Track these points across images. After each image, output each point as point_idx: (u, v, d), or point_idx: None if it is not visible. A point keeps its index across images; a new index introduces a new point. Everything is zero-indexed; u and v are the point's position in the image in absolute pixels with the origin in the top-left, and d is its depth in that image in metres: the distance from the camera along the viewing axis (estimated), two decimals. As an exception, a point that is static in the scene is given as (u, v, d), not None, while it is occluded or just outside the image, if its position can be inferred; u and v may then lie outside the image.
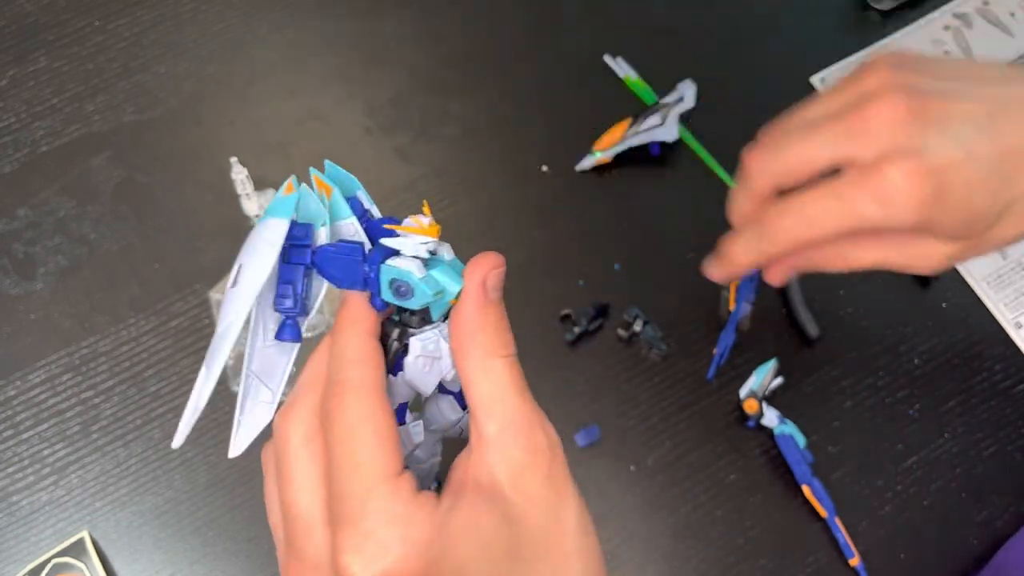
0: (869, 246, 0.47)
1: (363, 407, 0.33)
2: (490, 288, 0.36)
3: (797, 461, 0.60)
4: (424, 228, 0.34)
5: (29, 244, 0.67)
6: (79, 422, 0.62)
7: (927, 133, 0.42)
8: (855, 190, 0.43)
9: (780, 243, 0.46)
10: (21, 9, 0.73)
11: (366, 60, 0.73)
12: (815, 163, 0.45)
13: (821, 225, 0.44)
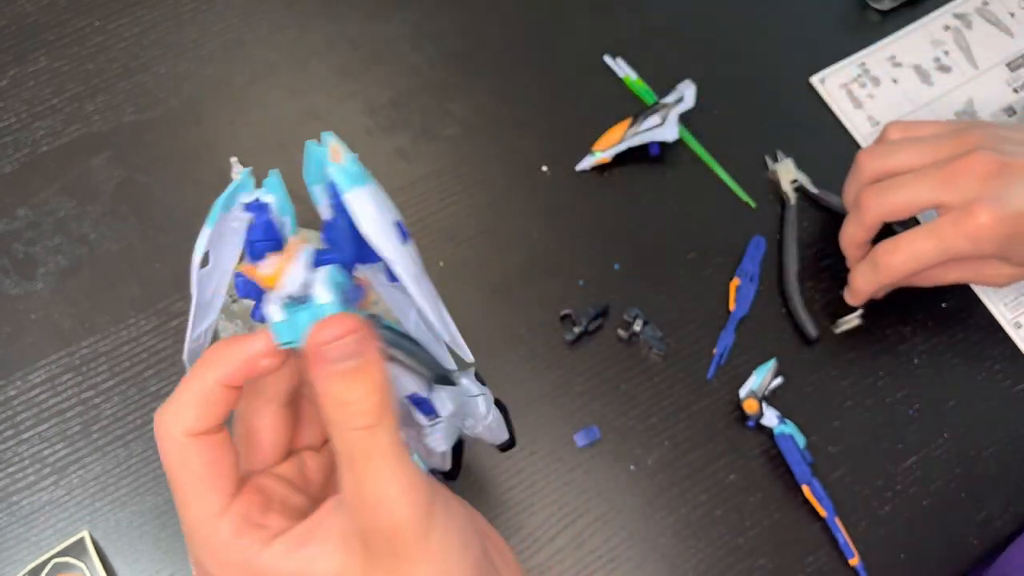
0: (955, 268, 0.60)
1: (177, 455, 0.35)
2: (329, 357, 0.33)
3: (797, 461, 0.60)
4: (258, 277, 0.33)
5: (29, 244, 0.67)
6: (79, 422, 0.62)
7: (1009, 185, 0.55)
8: (952, 229, 0.56)
9: (894, 275, 0.59)
10: (21, 9, 0.73)
11: (366, 60, 0.73)
12: (918, 204, 0.57)
13: (925, 258, 0.57)
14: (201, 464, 0.35)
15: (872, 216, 0.59)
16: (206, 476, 0.35)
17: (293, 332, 0.33)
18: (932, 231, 0.57)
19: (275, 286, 0.32)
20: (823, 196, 0.68)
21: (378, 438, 0.33)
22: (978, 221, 0.55)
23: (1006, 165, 0.56)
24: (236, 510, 0.35)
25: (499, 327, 0.65)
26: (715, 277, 0.67)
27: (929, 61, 0.74)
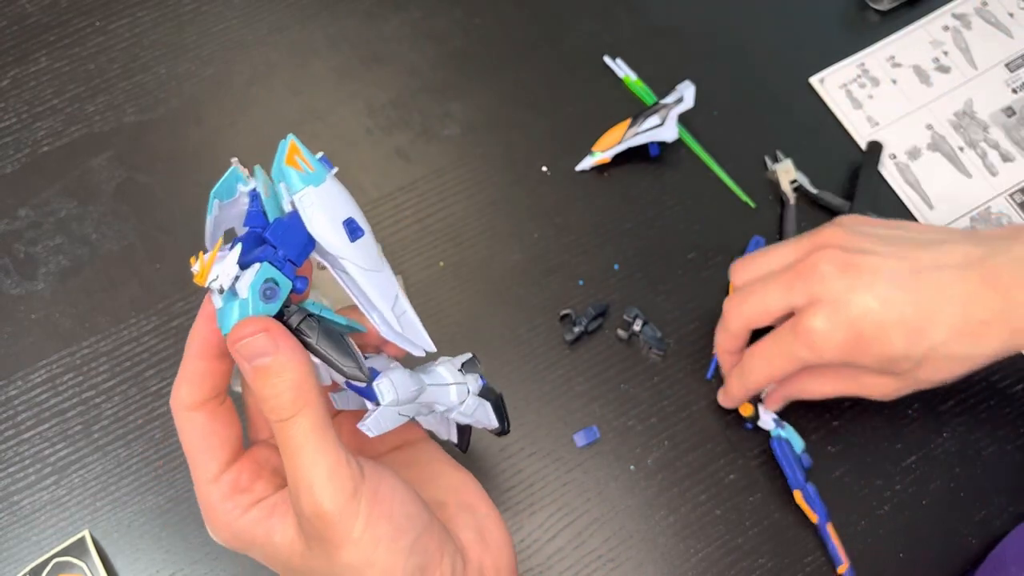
0: (828, 379, 0.56)
1: (181, 423, 0.40)
2: (242, 356, 0.37)
3: (790, 465, 0.60)
4: (194, 272, 0.37)
5: (30, 244, 0.67)
6: (80, 422, 0.62)
7: (853, 286, 0.50)
8: (791, 336, 0.52)
9: (755, 382, 0.56)
10: (22, 10, 0.73)
11: (366, 60, 0.73)
12: (774, 310, 0.53)
13: (778, 367, 0.54)
14: (197, 434, 0.40)
15: (734, 324, 0.56)
16: (203, 445, 0.40)
17: (222, 321, 0.37)
18: (776, 339, 0.53)
19: (202, 280, 0.36)
20: (822, 196, 0.68)
21: (297, 429, 0.36)
22: (810, 326, 0.50)
23: (850, 265, 0.50)
24: (228, 477, 0.40)
25: (499, 327, 0.65)
26: (715, 277, 0.67)
27: (928, 61, 0.74)
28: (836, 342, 0.50)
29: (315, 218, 0.37)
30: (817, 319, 0.50)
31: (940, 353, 0.51)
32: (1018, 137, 0.71)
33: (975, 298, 0.50)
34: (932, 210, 0.69)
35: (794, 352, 0.52)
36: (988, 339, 0.51)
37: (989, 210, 0.69)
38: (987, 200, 0.70)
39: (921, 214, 0.69)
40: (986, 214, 0.69)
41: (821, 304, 0.50)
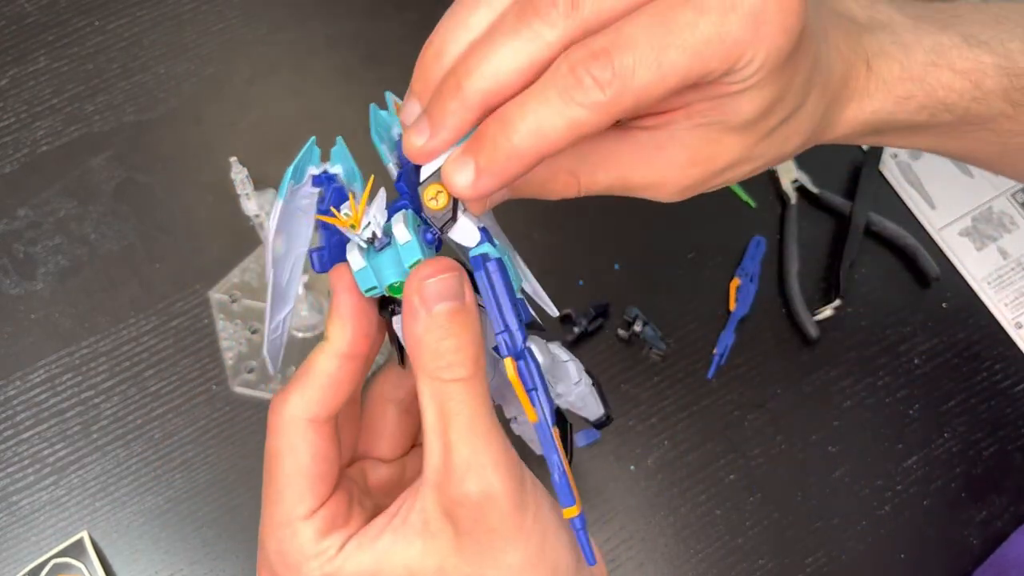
0: (611, 158, 0.35)
1: (293, 440, 0.33)
2: (428, 299, 0.31)
3: (506, 303, 0.32)
4: (340, 220, 0.32)
5: (30, 244, 0.67)
6: (79, 422, 0.62)
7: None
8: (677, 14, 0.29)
9: (528, 146, 0.30)
10: (21, 9, 0.73)
11: (366, 60, 0.73)
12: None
13: (617, 101, 0.29)
14: (309, 455, 0.33)
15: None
16: (308, 472, 0.33)
17: (374, 277, 0.32)
18: (679, 11, 0.28)
19: (357, 225, 0.31)
20: (824, 195, 0.68)
21: (471, 394, 0.31)
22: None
23: None
24: (324, 512, 0.33)
25: (499, 327, 0.65)
26: (715, 277, 0.67)
27: (929, 61, 0.74)
28: (799, 22, 0.30)
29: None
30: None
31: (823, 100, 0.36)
32: (1019, 137, 0.71)
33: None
34: (934, 210, 0.69)
35: (684, 56, 0.28)
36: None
37: (991, 210, 0.69)
38: (989, 199, 0.70)
39: (923, 214, 0.69)
40: (988, 214, 0.69)
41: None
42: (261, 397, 0.63)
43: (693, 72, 0.29)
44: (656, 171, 0.34)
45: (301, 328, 0.64)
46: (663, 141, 0.34)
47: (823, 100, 0.36)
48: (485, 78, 0.29)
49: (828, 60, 0.36)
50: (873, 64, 0.38)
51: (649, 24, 0.28)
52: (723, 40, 0.28)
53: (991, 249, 0.68)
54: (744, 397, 0.64)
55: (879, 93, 0.39)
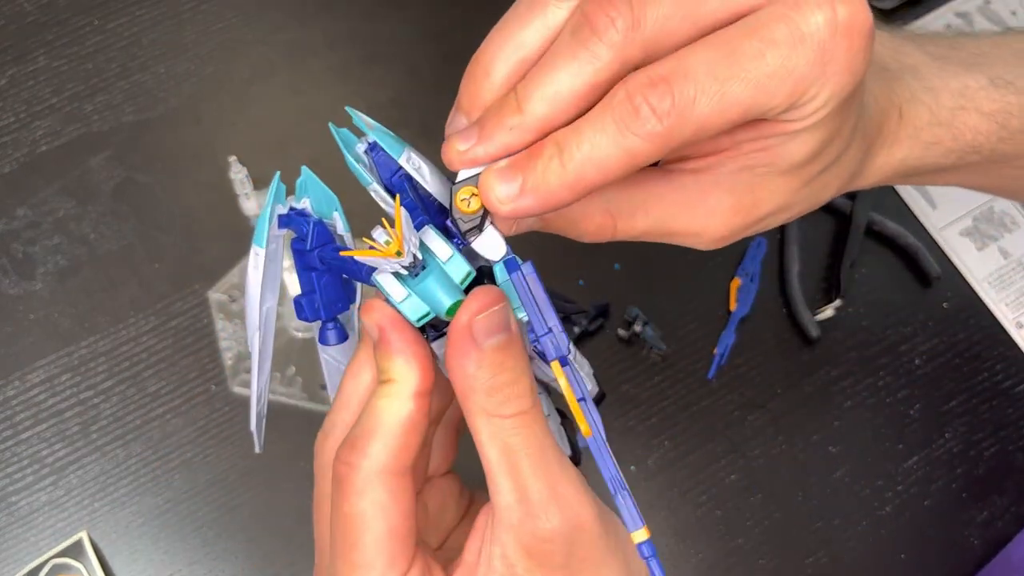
0: (653, 201, 0.33)
1: (374, 499, 0.29)
2: (479, 333, 0.29)
3: (537, 311, 0.31)
4: (381, 249, 0.28)
5: (29, 244, 0.66)
6: (78, 422, 0.62)
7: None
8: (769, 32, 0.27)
9: (590, 172, 0.29)
10: (20, 8, 0.73)
11: (366, 60, 0.73)
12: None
13: (735, 103, 0.28)
14: (399, 515, 0.29)
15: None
16: (399, 531, 0.29)
17: (423, 304, 0.29)
18: (746, 41, 0.27)
19: (402, 251, 0.28)
20: (824, 196, 0.68)
21: (535, 427, 0.29)
22: (821, 15, 0.27)
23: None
24: (414, 573, 0.30)
25: (499, 327, 0.64)
26: (715, 277, 0.66)
27: (930, 60, 0.74)
28: (865, 62, 0.29)
29: (430, 179, 0.31)
30: (845, 11, 0.27)
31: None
32: (1020, 136, 0.71)
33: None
34: (935, 209, 0.69)
35: (747, 88, 0.27)
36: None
37: (992, 209, 0.69)
38: (990, 199, 0.69)
39: (924, 213, 0.69)
40: (989, 213, 0.69)
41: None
42: (261, 397, 0.63)
43: (756, 106, 0.28)
44: (698, 219, 0.33)
45: (301, 328, 0.64)
46: (707, 186, 0.32)
47: (862, 148, 0.36)
48: (545, 101, 0.28)
49: (867, 107, 0.35)
50: (905, 111, 0.37)
51: (713, 53, 0.27)
52: (790, 74, 0.27)
53: (992, 249, 0.68)
54: (745, 397, 0.64)
55: (909, 140, 0.38)
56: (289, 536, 0.60)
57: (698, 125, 0.27)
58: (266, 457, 0.61)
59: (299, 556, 0.59)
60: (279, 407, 0.62)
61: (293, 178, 0.34)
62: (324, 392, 0.63)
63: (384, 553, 0.29)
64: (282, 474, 0.61)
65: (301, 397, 0.62)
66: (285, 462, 0.61)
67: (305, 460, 0.62)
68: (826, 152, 0.32)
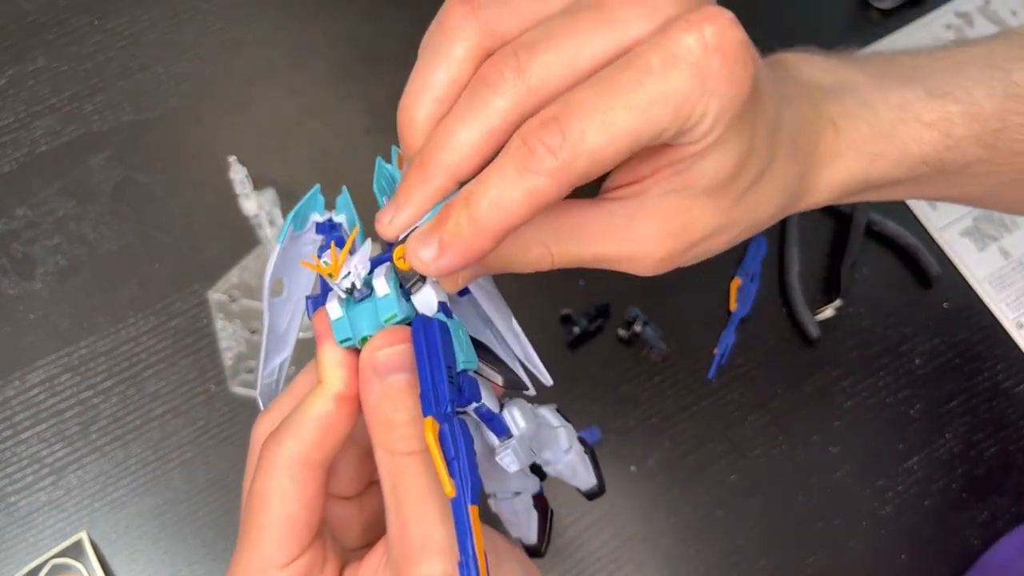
0: (583, 229, 0.34)
1: (281, 483, 0.31)
2: (380, 367, 0.30)
3: (435, 369, 0.30)
4: (320, 266, 0.31)
5: (28, 244, 0.66)
6: (78, 422, 0.62)
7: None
8: (651, 65, 0.28)
9: (506, 214, 0.29)
10: (20, 9, 0.73)
11: (366, 60, 0.73)
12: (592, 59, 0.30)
13: (622, 139, 0.29)
14: (299, 502, 0.31)
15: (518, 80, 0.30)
16: (296, 518, 0.31)
17: (349, 328, 0.32)
18: (623, 73, 0.28)
19: (336, 274, 0.31)
20: (824, 196, 0.68)
21: (424, 469, 0.30)
22: (712, 38, 0.28)
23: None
24: (302, 562, 0.32)
25: (499, 327, 0.64)
26: (716, 277, 0.66)
27: (930, 60, 0.74)
28: (753, 66, 0.30)
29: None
30: (726, 23, 0.29)
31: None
32: (1020, 136, 0.71)
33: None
34: (935, 209, 0.69)
35: (652, 110, 0.28)
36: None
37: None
38: (989, 199, 0.69)
39: (924, 213, 0.69)
40: (989, 213, 0.69)
41: (706, 18, 0.29)
42: (260, 397, 0.63)
43: (645, 131, 0.29)
44: (629, 243, 0.34)
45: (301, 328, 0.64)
46: (635, 211, 0.33)
47: (794, 165, 0.36)
48: (443, 151, 0.30)
49: (793, 125, 0.36)
50: (840, 125, 0.38)
51: (595, 89, 0.28)
52: (669, 97, 0.28)
53: (992, 249, 0.68)
54: (745, 397, 0.64)
55: (851, 152, 0.38)
56: (289, 536, 0.60)
57: (591, 156, 0.28)
58: (266, 457, 0.61)
59: (299, 556, 0.59)
60: (279, 407, 0.62)
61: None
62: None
63: (276, 535, 0.31)
64: (282, 474, 0.61)
65: (301, 397, 0.62)
66: (285, 462, 0.61)
67: (305, 460, 0.62)
68: (745, 168, 0.33)
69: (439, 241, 0.29)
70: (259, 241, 0.65)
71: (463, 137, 0.29)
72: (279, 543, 0.31)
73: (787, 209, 0.38)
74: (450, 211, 0.29)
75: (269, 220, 0.55)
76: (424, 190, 0.30)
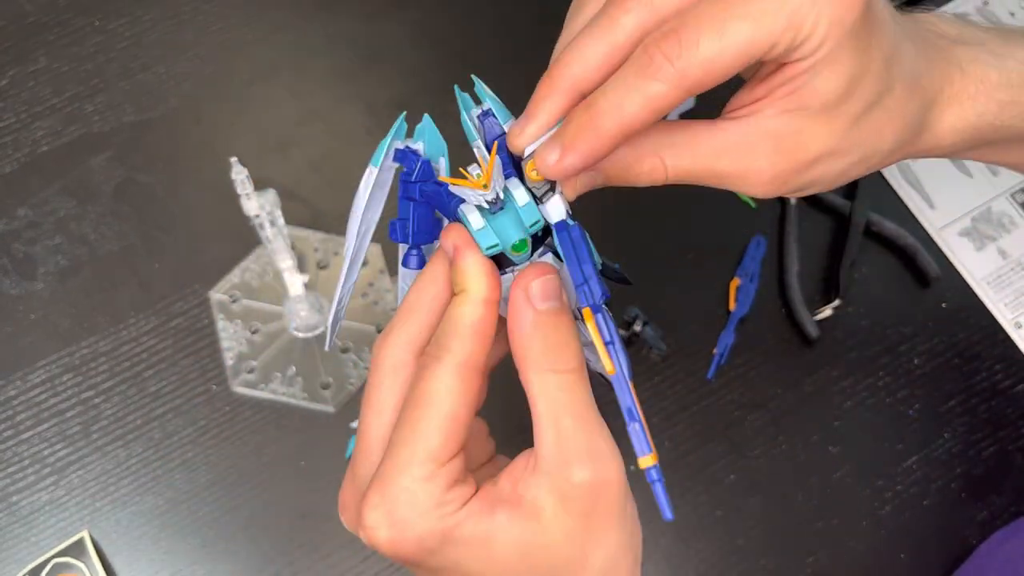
0: (699, 143, 0.35)
1: (448, 383, 0.33)
2: (535, 298, 0.33)
3: (583, 261, 0.34)
4: (470, 180, 0.34)
5: (29, 244, 0.67)
6: (79, 422, 0.62)
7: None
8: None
9: (618, 123, 0.32)
10: (21, 9, 0.73)
11: (366, 60, 0.73)
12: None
13: (692, 77, 0.31)
14: (463, 402, 0.33)
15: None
16: (459, 417, 0.33)
17: (495, 236, 0.33)
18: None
19: (488, 185, 0.34)
20: (824, 196, 0.68)
21: (580, 386, 0.33)
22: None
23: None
24: (455, 465, 0.33)
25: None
26: (715, 277, 0.67)
27: (929, 61, 0.74)
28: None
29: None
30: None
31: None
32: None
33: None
34: (934, 210, 0.69)
35: (753, 28, 0.30)
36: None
37: (990, 210, 0.69)
38: (988, 200, 0.70)
39: (923, 214, 0.69)
40: (987, 214, 0.69)
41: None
42: (261, 397, 0.63)
43: (757, 42, 0.31)
44: (743, 160, 0.35)
45: (302, 328, 0.64)
46: (749, 129, 0.34)
47: (914, 99, 0.37)
48: (572, 64, 0.32)
49: (916, 62, 0.37)
50: (967, 70, 0.39)
51: (712, 3, 0.31)
52: (781, 8, 0.30)
53: (991, 249, 0.68)
54: (744, 397, 0.64)
55: (981, 96, 0.39)
56: (289, 536, 0.60)
57: (705, 65, 0.30)
58: (266, 457, 0.62)
59: (299, 556, 0.59)
60: (279, 407, 0.62)
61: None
62: (324, 392, 0.63)
63: (443, 431, 0.32)
64: (282, 474, 0.61)
65: (301, 397, 0.63)
66: (285, 462, 0.61)
67: (305, 460, 0.63)
68: (858, 90, 0.34)
69: (561, 144, 0.32)
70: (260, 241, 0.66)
71: (590, 51, 0.32)
72: (445, 439, 0.33)
73: (907, 146, 0.38)
74: (572, 116, 0.32)
75: (270, 220, 0.55)
76: (553, 101, 0.33)
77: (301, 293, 0.62)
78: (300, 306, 0.63)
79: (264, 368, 0.63)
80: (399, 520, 0.32)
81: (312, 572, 0.59)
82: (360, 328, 0.65)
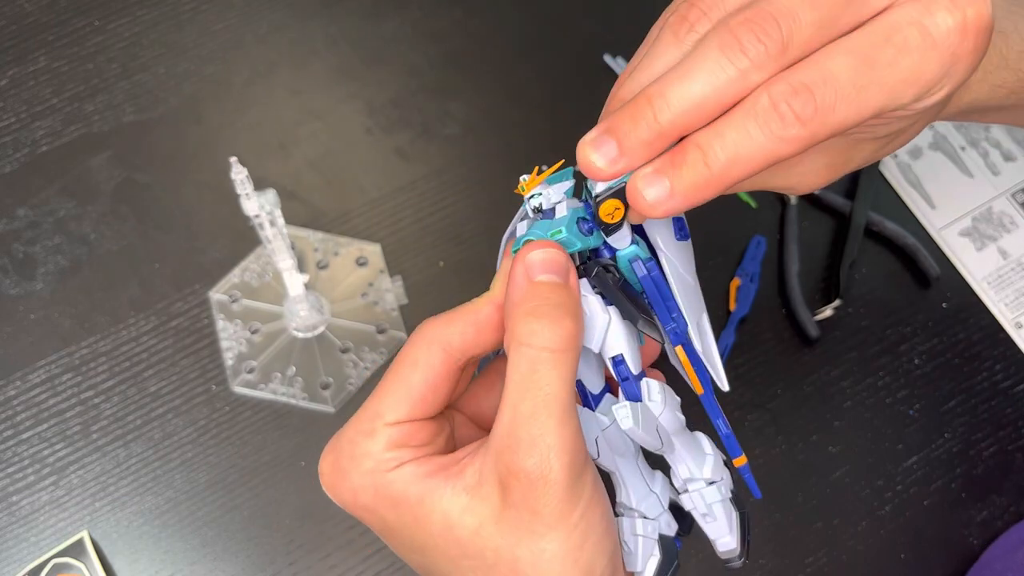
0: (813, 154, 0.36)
1: (419, 355, 0.34)
2: (531, 267, 0.33)
3: (665, 299, 0.38)
4: (522, 183, 0.36)
5: (29, 244, 0.67)
6: (79, 422, 0.62)
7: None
8: (898, 39, 0.29)
9: (740, 164, 0.31)
10: (21, 9, 0.73)
11: (366, 60, 0.73)
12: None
13: (838, 119, 0.30)
14: (422, 376, 0.34)
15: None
16: (416, 388, 0.34)
17: (529, 233, 0.35)
18: (882, 49, 0.29)
19: (526, 191, 0.35)
20: (824, 196, 0.68)
21: (557, 371, 0.31)
22: (943, 19, 0.29)
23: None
24: (406, 428, 0.34)
25: (499, 327, 0.65)
26: (715, 277, 0.66)
27: (929, 61, 0.74)
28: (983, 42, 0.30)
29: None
30: (973, 11, 0.29)
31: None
32: (1020, 136, 0.71)
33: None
34: (934, 210, 0.69)
35: (901, 71, 0.29)
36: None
37: (991, 210, 0.69)
38: (989, 200, 0.70)
39: (923, 213, 0.69)
40: (988, 214, 0.69)
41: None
42: (261, 397, 0.63)
43: (888, 107, 0.30)
44: (795, 176, 0.36)
45: (301, 328, 0.64)
46: (805, 155, 0.34)
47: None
48: (682, 103, 0.29)
49: None
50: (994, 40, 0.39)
51: (851, 60, 0.29)
52: (919, 78, 0.29)
53: (991, 249, 0.68)
54: (744, 397, 0.64)
55: (977, 84, 0.39)
56: (289, 536, 0.60)
57: (835, 128, 0.29)
58: (266, 457, 0.61)
59: (299, 556, 0.59)
60: (279, 407, 0.62)
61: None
62: (324, 392, 0.63)
63: (394, 394, 0.34)
64: (282, 474, 0.61)
65: (301, 397, 0.63)
66: (285, 462, 0.61)
67: (305, 460, 0.63)
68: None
69: (670, 186, 0.30)
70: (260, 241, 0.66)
71: (703, 92, 0.29)
72: (394, 404, 0.34)
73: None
74: (684, 158, 0.30)
75: (270, 220, 0.55)
76: (654, 142, 0.30)
77: (301, 293, 0.62)
78: (300, 306, 0.63)
79: (264, 368, 0.63)
80: (339, 468, 0.34)
81: (312, 572, 0.59)
82: (360, 328, 0.65)
